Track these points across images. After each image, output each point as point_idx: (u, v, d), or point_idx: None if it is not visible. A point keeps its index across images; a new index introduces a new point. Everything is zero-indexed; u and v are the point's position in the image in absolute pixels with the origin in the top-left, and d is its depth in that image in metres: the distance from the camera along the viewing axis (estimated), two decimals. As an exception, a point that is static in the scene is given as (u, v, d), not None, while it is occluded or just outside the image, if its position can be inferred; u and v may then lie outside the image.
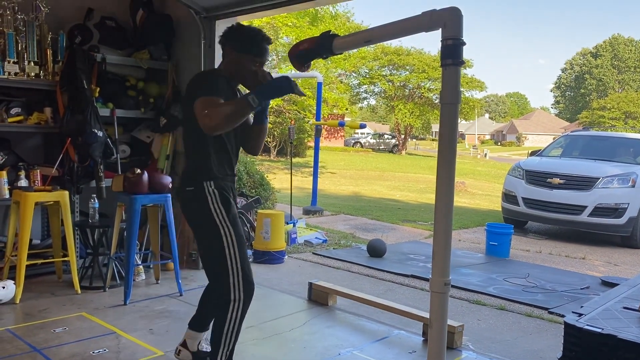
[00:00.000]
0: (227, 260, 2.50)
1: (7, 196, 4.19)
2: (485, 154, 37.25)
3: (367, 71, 31.62)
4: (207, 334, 3.01)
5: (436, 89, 29.88)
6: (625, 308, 2.01)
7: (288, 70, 17.35)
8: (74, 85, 4.44)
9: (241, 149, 2.84)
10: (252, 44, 2.57)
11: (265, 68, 2.64)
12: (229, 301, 2.49)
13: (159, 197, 4.21)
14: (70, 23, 4.79)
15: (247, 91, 2.54)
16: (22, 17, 4.36)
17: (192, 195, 2.56)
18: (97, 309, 3.88)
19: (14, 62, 4.31)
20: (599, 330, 1.76)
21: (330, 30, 2.36)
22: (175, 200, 3.16)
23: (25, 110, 4.46)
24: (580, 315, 1.90)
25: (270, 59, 20.94)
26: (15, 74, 4.32)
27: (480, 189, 16.28)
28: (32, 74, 4.40)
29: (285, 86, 2.36)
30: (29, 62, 4.38)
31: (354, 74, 30.98)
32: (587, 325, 1.80)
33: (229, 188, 2.62)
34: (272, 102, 17.58)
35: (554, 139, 10.97)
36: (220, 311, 2.52)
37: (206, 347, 3.01)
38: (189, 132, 2.59)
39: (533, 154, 9.80)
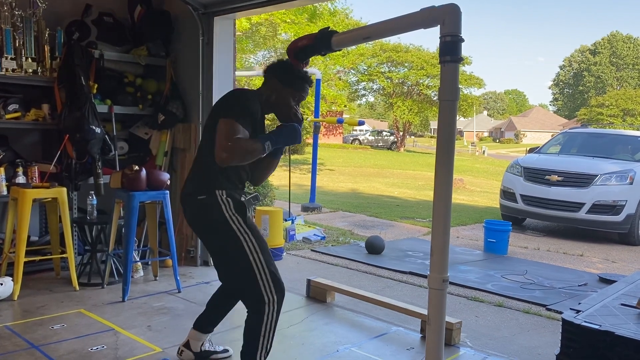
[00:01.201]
0: (253, 266, 2.48)
1: (5, 193, 4.18)
2: (484, 151, 37.27)
3: (366, 68, 31.59)
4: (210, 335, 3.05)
5: (435, 86, 29.87)
6: (622, 305, 2.02)
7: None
8: (72, 82, 4.43)
9: None
10: (300, 80, 2.61)
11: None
12: (263, 304, 2.47)
13: (157, 194, 4.20)
14: (68, 19, 4.78)
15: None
16: (20, 13, 4.35)
17: (204, 204, 2.54)
18: (96, 306, 3.88)
19: (11, 59, 4.29)
20: (597, 326, 1.76)
21: (328, 27, 2.36)
22: (179, 208, 3.11)
23: (22, 107, 4.45)
24: (578, 311, 1.91)
25: (269, 56, 20.93)
26: (13, 70, 4.31)
27: (479, 186, 16.29)
28: (30, 70, 4.39)
29: (298, 137, 2.55)
30: (27, 58, 4.37)
31: (352, 70, 30.95)
32: (585, 321, 1.80)
33: (240, 196, 2.61)
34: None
35: (552, 136, 10.99)
36: (256, 315, 2.50)
37: (208, 346, 3.02)
38: (207, 142, 2.55)
39: (531, 151, 9.81)
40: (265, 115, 2.72)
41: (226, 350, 3.08)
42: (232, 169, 2.54)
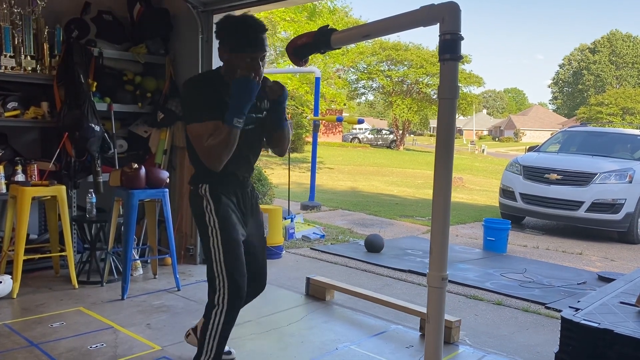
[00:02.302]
0: (213, 267, 2.42)
1: (4, 191, 4.18)
2: (483, 150, 37.28)
3: (365, 66, 31.58)
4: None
5: (434, 85, 29.86)
6: (622, 303, 2.02)
7: (286, 65, 17.32)
8: (71, 80, 4.43)
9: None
10: (237, 38, 2.33)
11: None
12: (212, 308, 2.41)
13: (156, 192, 4.20)
14: (67, 17, 4.77)
15: None
16: (19, 11, 4.34)
17: (191, 196, 2.54)
18: (95, 304, 3.88)
19: (10, 56, 4.29)
20: (596, 325, 1.76)
21: (328, 25, 2.35)
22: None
23: (22, 105, 4.45)
24: (577, 310, 1.91)
25: (268, 54, 20.94)
26: (12, 68, 4.31)
27: (478, 184, 16.30)
28: (29, 68, 4.39)
29: (246, 86, 2.26)
30: (26, 56, 4.37)
31: (352, 69, 30.95)
32: (584, 320, 1.80)
33: (229, 191, 2.51)
34: (270, 97, 17.54)
35: (551, 134, 10.99)
36: (205, 318, 2.45)
37: None
38: (187, 140, 2.49)
39: (531, 149, 9.81)
40: None
41: (229, 353, 3.03)
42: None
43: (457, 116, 2.07)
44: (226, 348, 3.03)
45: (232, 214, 2.48)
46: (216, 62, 4.95)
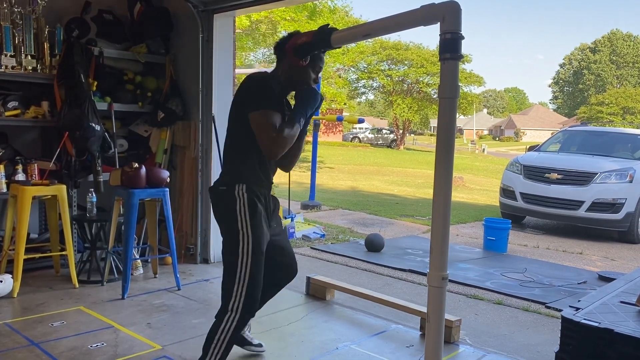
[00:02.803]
0: (236, 267, 2.39)
1: (5, 190, 4.18)
2: (484, 149, 37.26)
3: (366, 66, 31.57)
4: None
5: (434, 84, 29.85)
6: (622, 302, 2.02)
7: (286, 64, 17.28)
8: (72, 79, 4.43)
9: None
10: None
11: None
12: (224, 313, 2.40)
13: (156, 192, 4.20)
14: (68, 16, 4.77)
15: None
16: (19, 10, 4.34)
17: (222, 195, 2.47)
18: (95, 303, 3.88)
19: (10, 56, 4.29)
20: (596, 324, 1.76)
21: (328, 24, 2.35)
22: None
23: (22, 104, 4.45)
24: (577, 309, 1.91)
25: (268, 54, 20.90)
26: (12, 67, 4.31)
27: (478, 184, 16.29)
28: (29, 67, 4.39)
29: (317, 97, 2.40)
30: (26, 55, 4.37)
31: (352, 68, 30.94)
32: (584, 319, 1.80)
33: (261, 195, 2.48)
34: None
35: (552, 134, 10.99)
36: (216, 321, 2.44)
37: (246, 335, 3.08)
38: (233, 135, 2.50)
39: (531, 149, 9.80)
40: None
41: (260, 345, 3.11)
42: (259, 162, 2.45)
43: (457, 116, 2.07)
44: (256, 340, 3.11)
45: (264, 223, 2.46)
46: (216, 62, 4.96)
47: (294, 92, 2.53)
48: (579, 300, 2.02)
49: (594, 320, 1.79)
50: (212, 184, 2.59)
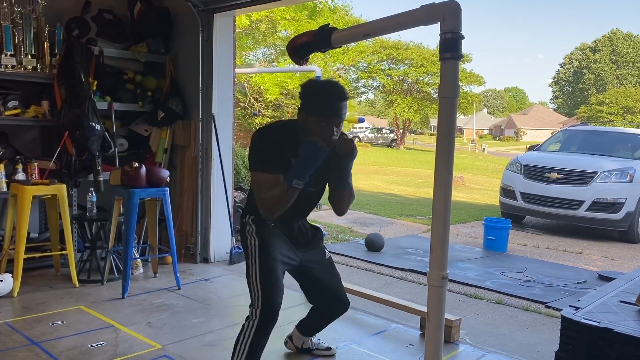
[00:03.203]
0: (250, 280, 2.52)
1: (5, 189, 4.18)
2: (484, 149, 37.25)
3: (366, 65, 31.57)
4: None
5: (435, 84, 29.85)
6: (622, 302, 2.02)
7: (287, 64, 17.30)
8: (72, 79, 4.43)
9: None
10: (315, 102, 2.36)
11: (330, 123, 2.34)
12: (248, 315, 2.50)
13: (157, 191, 4.20)
14: (68, 16, 4.77)
15: None
16: (19, 10, 4.34)
17: (240, 224, 2.67)
18: (95, 303, 3.88)
19: (10, 55, 4.29)
20: (596, 323, 1.76)
21: (328, 24, 2.35)
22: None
23: (22, 104, 4.45)
24: (577, 308, 1.91)
25: (268, 54, 20.89)
26: (12, 67, 4.31)
27: (478, 183, 16.29)
28: (29, 67, 4.39)
29: (314, 152, 2.25)
30: (26, 55, 4.37)
31: (352, 68, 30.93)
32: (584, 318, 1.80)
33: (273, 226, 2.56)
34: (272, 97, 17.54)
35: (552, 133, 10.98)
36: (242, 326, 2.53)
37: (311, 345, 3.11)
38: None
39: (531, 148, 9.80)
40: None
41: (329, 349, 3.14)
42: None
43: (457, 115, 2.07)
44: (325, 344, 3.15)
45: (273, 238, 2.54)
46: (217, 61, 4.96)
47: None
48: (578, 300, 2.02)
49: (593, 320, 1.79)
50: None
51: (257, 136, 2.46)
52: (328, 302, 2.85)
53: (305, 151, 2.26)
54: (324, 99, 2.35)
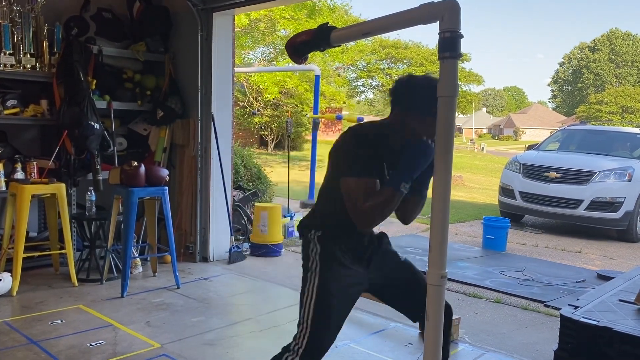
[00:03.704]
0: (300, 307, 2.23)
1: (4, 188, 4.18)
2: (483, 148, 37.24)
3: (365, 64, 31.55)
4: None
5: (434, 83, 29.81)
6: (621, 301, 2.02)
7: (286, 63, 17.31)
8: (71, 78, 4.43)
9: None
10: (421, 100, 2.11)
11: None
12: (287, 349, 2.23)
13: (156, 190, 4.20)
14: (67, 14, 4.77)
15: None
16: (18, 9, 4.34)
17: (302, 233, 2.32)
18: (94, 302, 3.88)
19: (9, 54, 4.29)
20: (595, 322, 1.77)
21: (327, 22, 2.35)
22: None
23: (21, 102, 4.44)
24: (576, 307, 1.91)
25: (268, 53, 20.89)
26: (11, 65, 4.30)
27: (478, 182, 16.30)
28: (28, 65, 4.38)
29: (426, 153, 2.04)
30: (25, 53, 4.36)
31: (351, 67, 30.92)
32: (583, 317, 1.80)
33: (343, 245, 2.23)
34: (270, 96, 17.54)
35: (551, 133, 10.98)
36: (282, 349, 2.27)
37: None
38: (329, 179, 2.28)
39: (530, 148, 9.80)
40: None
41: None
42: (343, 214, 2.16)
43: (456, 114, 2.06)
44: None
45: (337, 266, 2.22)
46: (216, 60, 4.96)
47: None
48: (577, 299, 2.02)
49: (592, 319, 1.79)
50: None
51: (350, 138, 2.21)
52: (422, 311, 2.50)
53: (416, 151, 2.06)
54: (431, 96, 2.01)
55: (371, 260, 2.32)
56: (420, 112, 2.12)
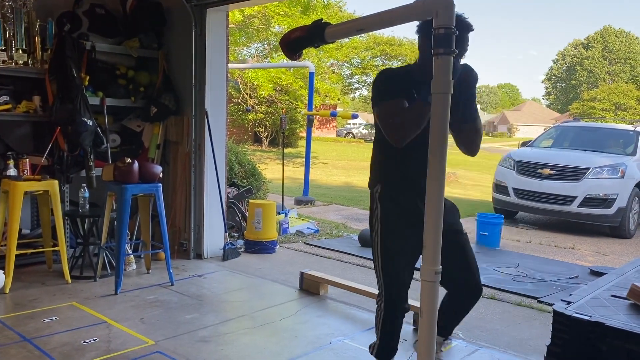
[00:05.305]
0: (375, 265, 2.55)
1: (-4, 185, 4.15)
2: (477, 145, 37.27)
3: (360, 61, 31.52)
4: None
5: (428, 80, 29.84)
6: (613, 296, 2.03)
7: (280, 59, 17.27)
8: (63, 74, 4.40)
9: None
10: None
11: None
12: (378, 301, 2.61)
13: (149, 187, 4.19)
14: (59, 10, 4.74)
15: None
16: (10, 4, 4.31)
17: (370, 194, 2.57)
18: (88, 299, 3.87)
19: (1, 50, 4.26)
20: (587, 317, 1.77)
21: (322, 19, 2.34)
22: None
23: (13, 99, 4.41)
24: (569, 303, 1.92)
25: (262, 49, 20.83)
26: (3, 61, 4.28)
27: (472, 179, 16.35)
28: (20, 61, 4.35)
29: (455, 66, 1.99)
30: (17, 49, 4.33)
31: (346, 64, 30.89)
32: (576, 313, 1.81)
33: (403, 196, 2.45)
34: (265, 93, 17.49)
35: (544, 129, 11.01)
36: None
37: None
38: (375, 130, 2.54)
39: (524, 144, 9.84)
40: None
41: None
42: (401, 156, 2.40)
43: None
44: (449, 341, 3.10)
45: (399, 220, 2.46)
46: (210, 57, 4.94)
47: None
48: (570, 295, 2.03)
49: (585, 314, 1.80)
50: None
51: (379, 77, 2.47)
52: (465, 284, 2.60)
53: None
54: (461, 27, 2.12)
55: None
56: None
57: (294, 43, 2.35)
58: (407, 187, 2.45)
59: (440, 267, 1.86)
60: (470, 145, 2.49)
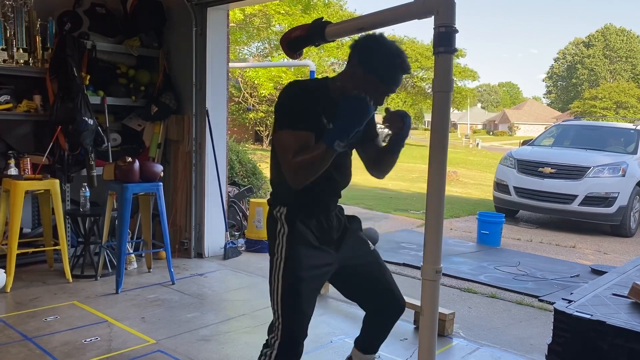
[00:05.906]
0: (271, 298, 2.13)
1: (-3, 184, 4.16)
2: (477, 144, 37.33)
3: (360, 60, 31.45)
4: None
5: (429, 79, 29.85)
6: (614, 295, 2.03)
7: (281, 58, 17.26)
8: (64, 73, 4.40)
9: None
10: (385, 68, 2.01)
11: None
12: (266, 344, 2.16)
13: (150, 186, 4.19)
14: (60, 9, 4.74)
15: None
16: (11, 3, 4.31)
17: (268, 215, 2.20)
18: (89, 298, 3.87)
19: (2, 49, 4.26)
20: (589, 316, 1.77)
21: (322, 17, 2.34)
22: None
23: (14, 98, 4.42)
24: (570, 301, 1.92)
25: (262, 48, 20.81)
26: (4, 61, 4.28)
27: (472, 178, 16.34)
28: (21, 61, 4.35)
29: (363, 109, 1.87)
30: (18, 49, 4.33)
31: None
32: (577, 311, 1.81)
33: (309, 217, 2.13)
34: (265, 92, 17.48)
35: (545, 128, 11.01)
36: (262, 350, 2.17)
37: None
38: (272, 148, 2.15)
39: (525, 143, 9.83)
40: None
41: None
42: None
43: (451, 110, 2.06)
44: None
45: (304, 246, 2.09)
46: (210, 56, 4.93)
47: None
48: (571, 293, 2.03)
49: (586, 313, 1.80)
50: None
51: (286, 90, 2.09)
52: (385, 302, 2.39)
53: (352, 105, 1.87)
54: (394, 64, 2.01)
55: (341, 243, 2.22)
56: (376, 74, 2.01)
57: (295, 42, 2.35)
58: (314, 206, 2.16)
59: (441, 266, 1.85)
60: (384, 169, 2.42)
